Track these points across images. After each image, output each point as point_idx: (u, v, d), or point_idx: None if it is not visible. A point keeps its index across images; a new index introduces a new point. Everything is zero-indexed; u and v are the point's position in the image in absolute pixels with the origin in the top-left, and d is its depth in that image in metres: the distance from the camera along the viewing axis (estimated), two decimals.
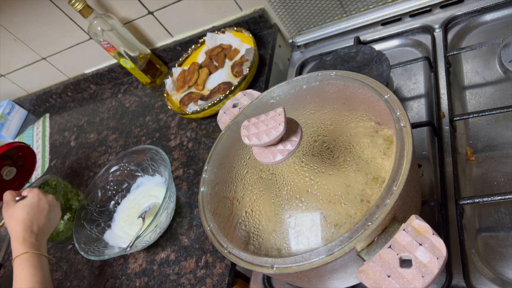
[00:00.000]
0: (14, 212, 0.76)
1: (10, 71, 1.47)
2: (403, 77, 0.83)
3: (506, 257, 0.56)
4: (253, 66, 0.98)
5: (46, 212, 0.79)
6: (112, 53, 1.14)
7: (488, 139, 0.67)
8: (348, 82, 0.58)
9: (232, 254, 0.51)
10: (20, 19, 1.23)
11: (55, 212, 0.82)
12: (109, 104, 1.35)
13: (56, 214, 0.82)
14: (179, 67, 1.17)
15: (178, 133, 1.07)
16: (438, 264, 0.39)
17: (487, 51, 0.76)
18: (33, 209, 0.77)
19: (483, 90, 0.73)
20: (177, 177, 0.96)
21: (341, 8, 0.97)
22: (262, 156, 0.48)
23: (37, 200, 0.78)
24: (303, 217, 0.49)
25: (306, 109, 0.59)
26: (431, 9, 0.88)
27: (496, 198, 0.57)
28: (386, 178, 0.47)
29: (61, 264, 1.00)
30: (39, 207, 0.78)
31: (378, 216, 0.43)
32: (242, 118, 0.65)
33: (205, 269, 0.77)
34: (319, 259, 0.45)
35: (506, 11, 0.78)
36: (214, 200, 0.58)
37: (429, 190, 0.67)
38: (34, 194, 0.79)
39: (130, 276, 0.86)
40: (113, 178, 0.97)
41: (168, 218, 0.86)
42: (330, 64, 0.87)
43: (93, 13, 1.06)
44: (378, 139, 0.51)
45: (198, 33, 1.19)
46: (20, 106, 1.60)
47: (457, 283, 0.56)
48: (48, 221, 0.79)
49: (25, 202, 0.78)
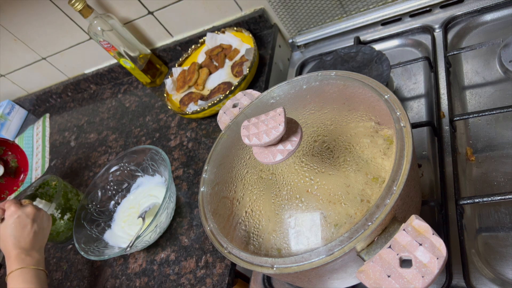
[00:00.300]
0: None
1: (10, 71, 1.47)
2: (403, 77, 0.83)
3: (506, 257, 0.56)
4: (253, 66, 0.98)
5: (29, 226, 0.77)
6: (112, 53, 1.14)
7: (488, 139, 0.67)
8: (348, 82, 0.58)
9: (232, 254, 0.51)
10: (20, 19, 1.23)
11: (41, 221, 0.80)
12: (109, 104, 1.35)
13: (44, 221, 0.81)
14: (179, 67, 1.17)
15: (178, 133, 1.07)
16: (438, 264, 0.39)
17: (487, 51, 0.76)
18: (15, 228, 0.76)
19: (483, 90, 0.73)
20: (177, 177, 0.96)
21: (341, 8, 0.97)
22: (262, 156, 0.48)
23: (16, 218, 0.77)
24: (303, 217, 0.49)
25: (306, 109, 0.59)
26: (431, 9, 0.88)
27: (496, 198, 0.57)
28: (386, 178, 0.47)
29: (61, 264, 1.00)
30: (20, 225, 0.77)
31: (378, 216, 0.43)
32: (242, 118, 0.65)
33: (205, 269, 0.77)
34: (319, 259, 0.45)
35: (506, 11, 0.78)
36: (214, 200, 0.58)
37: (429, 190, 0.67)
38: (11, 212, 0.78)
39: (130, 276, 0.86)
40: (113, 178, 0.97)
41: (168, 218, 0.86)
42: (330, 64, 0.87)
43: (93, 13, 1.06)
44: (378, 139, 0.51)
45: (198, 33, 1.19)
46: (20, 106, 1.60)
47: (457, 283, 0.56)
48: (35, 234, 0.78)
49: (6, 223, 0.77)
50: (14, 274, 0.72)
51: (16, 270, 0.72)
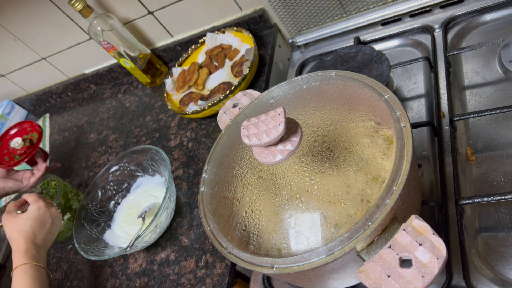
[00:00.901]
0: (16, 223, 0.76)
1: (10, 71, 1.47)
2: (403, 77, 0.83)
3: (506, 257, 0.56)
4: (253, 66, 0.98)
5: (48, 225, 0.78)
6: (112, 53, 1.14)
7: (488, 139, 0.67)
8: (348, 82, 0.58)
9: (232, 254, 0.51)
10: (20, 19, 1.23)
11: (56, 225, 0.81)
12: (109, 104, 1.35)
13: (57, 226, 0.81)
14: (179, 67, 1.17)
15: (178, 133, 1.07)
16: (438, 264, 0.39)
17: (487, 51, 0.76)
18: (36, 222, 0.77)
19: (483, 90, 0.73)
20: (177, 177, 0.96)
21: (341, 8, 0.97)
22: (262, 156, 0.48)
23: (42, 213, 0.78)
24: (303, 217, 0.49)
25: (306, 109, 0.59)
26: (431, 9, 0.88)
27: (496, 198, 0.57)
28: (386, 178, 0.47)
29: (61, 264, 1.00)
30: (42, 220, 0.77)
31: (378, 216, 0.43)
32: (242, 118, 0.65)
33: (205, 269, 0.77)
34: (319, 259, 0.45)
35: (506, 11, 0.78)
36: (214, 200, 0.58)
37: (429, 190, 0.67)
38: (38, 206, 0.78)
39: (130, 276, 0.86)
40: (113, 178, 0.97)
41: (168, 218, 0.86)
42: (330, 64, 0.87)
43: (93, 13, 1.06)
44: (378, 139, 0.51)
45: (198, 33, 1.19)
46: (20, 106, 1.60)
47: (457, 283, 0.56)
48: (49, 234, 0.79)
49: (29, 215, 0.77)
50: (22, 268, 0.71)
51: (24, 264, 0.72)
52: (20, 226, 0.76)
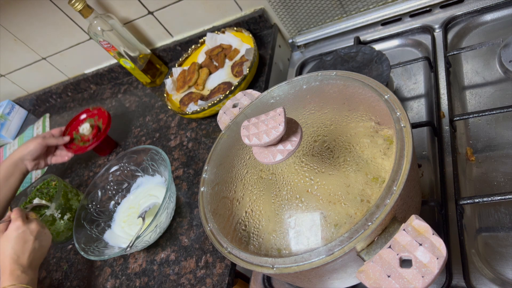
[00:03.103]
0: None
1: (10, 71, 1.47)
2: (403, 77, 0.83)
3: (506, 257, 0.56)
4: (253, 66, 0.98)
5: (30, 242, 0.77)
6: (112, 53, 1.14)
7: (488, 139, 0.67)
8: (348, 82, 0.58)
9: (232, 254, 0.51)
10: (20, 19, 1.23)
11: (41, 240, 0.80)
12: (109, 104, 1.35)
13: (43, 241, 0.80)
14: (179, 67, 1.17)
15: (178, 133, 1.07)
16: (438, 264, 0.39)
17: (487, 51, 0.76)
18: (17, 242, 0.76)
19: (483, 90, 0.73)
20: (177, 177, 0.96)
21: (341, 8, 0.97)
22: (262, 156, 0.48)
23: (21, 233, 0.77)
24: (303, 217, 0.49)
25: (306, 109, 0.59)
26: (431, 9, 0.88)
27: (496, 198, 0.57)
28: (386, 178, 0.47)
29: (61, 264, 1.00)
30: (22, 240, 0.76)
31: (378, 216, 0.43)
32: (242, 118, 0.65)
33: (205, 269, 0.77)
34: (319, 259, 0.45)
35: (506, 11, 0.78)
36: (214, 200, 0.58)
37: (429, 190, 0.67)
38: (16, 226, 0.78)
39: (130, 276, 0.86)
40: (113, 178, 0.97)
41: (168, 218, 0.86)
42: (330, 64, 0.87)
43: (93, 13, 1.06)
44: (378, 139, 0.51)
45: (198, 33, 1.19)
46: (20, 106, 1.60)
47: (457, 283, 0.56)
48: (34, 251, 0.77)
49: (7, 237, 0.77)
50: None
51: (10, 286, 0.71)
52: (1, 249, 0.76)
